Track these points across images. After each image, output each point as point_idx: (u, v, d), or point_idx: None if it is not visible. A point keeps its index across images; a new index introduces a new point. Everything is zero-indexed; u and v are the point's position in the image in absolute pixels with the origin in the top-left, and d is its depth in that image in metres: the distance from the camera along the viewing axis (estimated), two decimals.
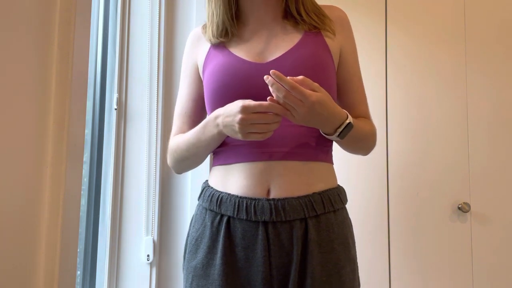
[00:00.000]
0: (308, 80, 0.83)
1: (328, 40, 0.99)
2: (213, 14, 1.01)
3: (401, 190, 1.81)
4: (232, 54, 0.97)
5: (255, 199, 0.89)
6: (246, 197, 0.90)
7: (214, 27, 1.00)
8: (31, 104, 0.80)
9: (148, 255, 1.60)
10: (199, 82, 1.05)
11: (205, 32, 1.05)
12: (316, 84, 0.84)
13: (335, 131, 0.89)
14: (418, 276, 1.77)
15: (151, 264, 1.61)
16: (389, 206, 1.80)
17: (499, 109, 1.88)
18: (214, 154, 1.01)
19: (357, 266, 0.98)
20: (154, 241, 1.61)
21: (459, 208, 1.80)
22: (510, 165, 1.84)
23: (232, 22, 1.00)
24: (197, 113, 1.07)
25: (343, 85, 1.03)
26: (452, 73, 1.89)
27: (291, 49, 0.95)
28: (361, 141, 1.00)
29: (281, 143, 0.91)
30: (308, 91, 0.82)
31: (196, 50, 1.07)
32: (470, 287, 1.77)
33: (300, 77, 0.82)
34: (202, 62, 1.03)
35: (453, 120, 1.86)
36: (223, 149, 0.97)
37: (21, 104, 0.77)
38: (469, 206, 1.79)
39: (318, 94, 0.83)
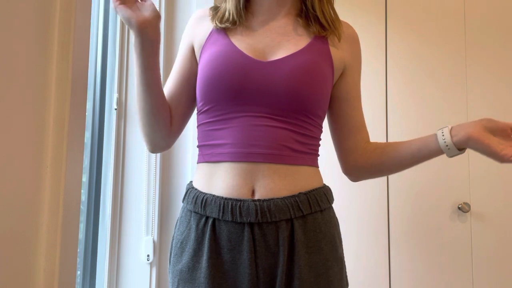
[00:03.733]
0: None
1: (332, 50, 0.98)
2: (225, 1, 1.00)
3: (401, 190, 1.81)
4: (233, 44, 0.94)
5: (240, 200, 0.88)
6: (231, 198, 0.89)
7: (226, 13, 0.98)
8: (31, 104, 0.80)
9: (148, 255, 1.60)
10: (192, 61, 1.02)
11: (211, 14, 1.02)
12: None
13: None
14: (418, 276, 1.77)
15: (151, 264, 1.61)
16: (389, 206, 1.80)
17: (499, 109, 1.88)
18: (199, 150, 0.99)
19: (345, 265, 0.97)
20: (154, 241, 1.61)
21: (459, 208, 1.80)
22: (510, 165, 1.84)
23: (241, 11, 0.98)
24: (183, 92, 1.01)
25: (344, 103, 1.03)
26: (452, 73, 1.89)
27: (295, 53, 0.93)
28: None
29: (265, 145, 0.90)
30: None
31: (197, 30, 1.03)
32: (470, 287, 1.77)
33: None
34: (201, 43, 1.00)
35: (453, 120, 1.86)
36: (208, 145, 0.95)
37: (21, 104, 0.77)
38: (469, 206, 1.79)
39: None
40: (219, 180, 0.91)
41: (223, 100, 0.92)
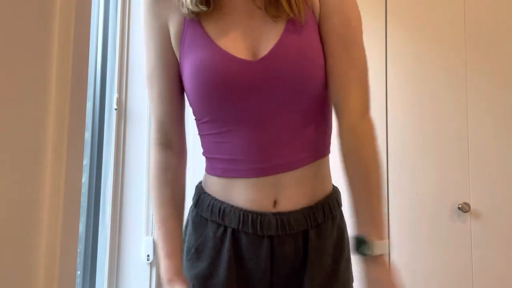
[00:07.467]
0: None
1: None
2: None
3: (401, 190, 1.81)
4: (217, 46, 0.83)
5: (260, 213, 0.86)
6: (251, 211, 0.86)
7: None
8: (31, 104, 0.80)
9: (148, 255, 1.60)
10: (169, 46, 0.90)
11: None
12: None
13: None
14: (418, 277, 1.77)
15: (151, 264, 1.61)
16: (389, 206, 1.80)
17: (499, 109, 1.88)
18: (207, 160, 0.93)
19: (351, 264, 0.97)
20: (154, 241, 1.61)
21: (459, 208, 1.80)
22: (510, 165, 1.84)
23: None
24: (174, 89, 0.90)
25: (327, 60, 0.86)
26: (452, 73, 1.89)
27: (280, 40, 0.83)
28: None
29: (281, 154, 0.86)
30: None
31: (164, 11, 0.89)
32: (470, 286, 1.77)
33: None
34: (178, 35, 0.88)
35: (453, 120, 1.86)
36: (217, 159, 0.90)
37: (21, 104, 0.77)
38: (469, 206, 1.79)
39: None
40: (237, 193, 0.88)
41: (224, 114, 0.86)
